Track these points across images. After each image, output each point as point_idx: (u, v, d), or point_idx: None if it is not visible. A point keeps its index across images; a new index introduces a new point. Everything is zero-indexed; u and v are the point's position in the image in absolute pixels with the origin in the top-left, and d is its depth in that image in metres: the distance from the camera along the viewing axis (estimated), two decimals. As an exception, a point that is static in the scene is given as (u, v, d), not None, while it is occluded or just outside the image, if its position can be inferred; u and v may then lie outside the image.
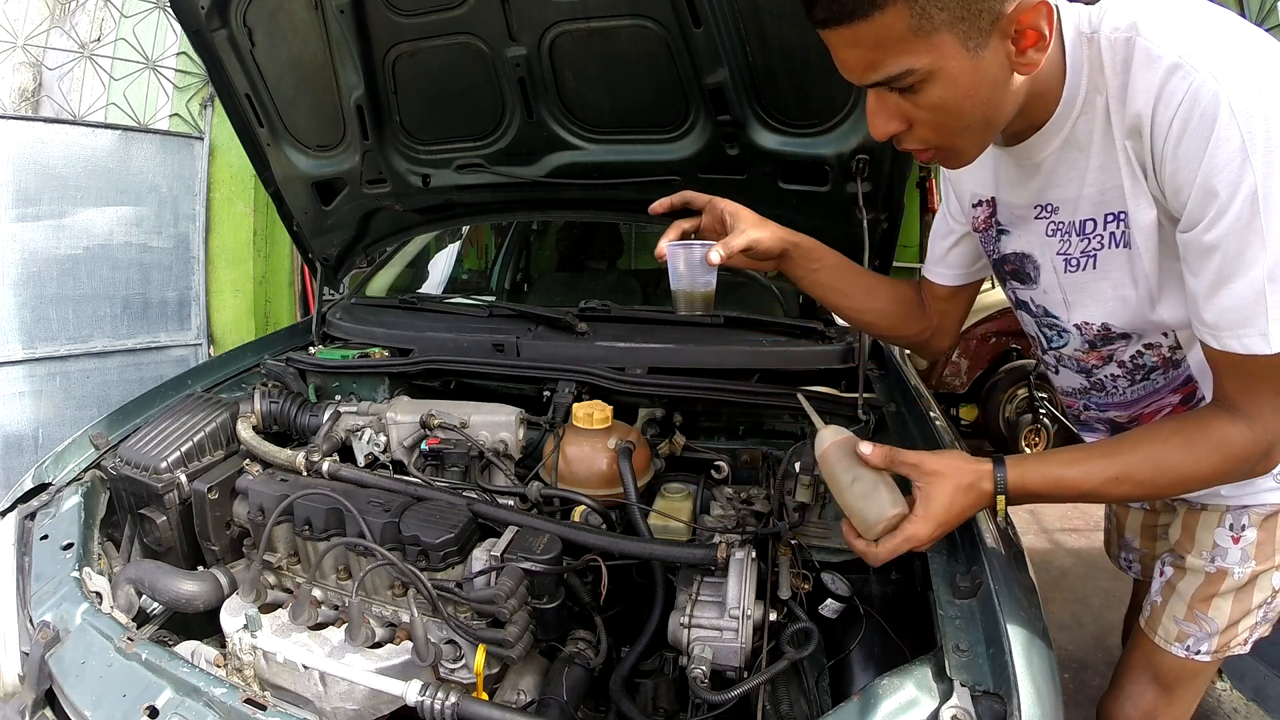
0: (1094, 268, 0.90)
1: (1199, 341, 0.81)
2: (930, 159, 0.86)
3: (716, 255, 0.96)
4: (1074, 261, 0.92)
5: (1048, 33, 0.72)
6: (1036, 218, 0.93)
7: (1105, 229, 0.86)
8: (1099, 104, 0.79)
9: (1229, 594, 1.06)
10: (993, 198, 1.00)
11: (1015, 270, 1.02)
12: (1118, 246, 0.86)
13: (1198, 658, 1.09)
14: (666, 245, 1.00)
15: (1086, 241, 0.89)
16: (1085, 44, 0.78)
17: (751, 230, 1.00)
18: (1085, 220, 0.87)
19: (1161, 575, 1.13)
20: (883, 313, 1.17)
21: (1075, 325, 0.98)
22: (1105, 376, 1.03)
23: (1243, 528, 1.04)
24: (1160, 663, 1.13)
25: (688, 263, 0.99)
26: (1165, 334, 0.93)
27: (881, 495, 0.88)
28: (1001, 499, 0.86)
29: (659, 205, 1.08)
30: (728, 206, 1.03)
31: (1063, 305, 0.98)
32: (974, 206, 1.04)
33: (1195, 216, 0.73)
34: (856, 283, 1.15)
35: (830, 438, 0.96)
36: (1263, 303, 0.72)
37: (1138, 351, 0.97)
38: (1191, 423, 0.84)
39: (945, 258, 1.14)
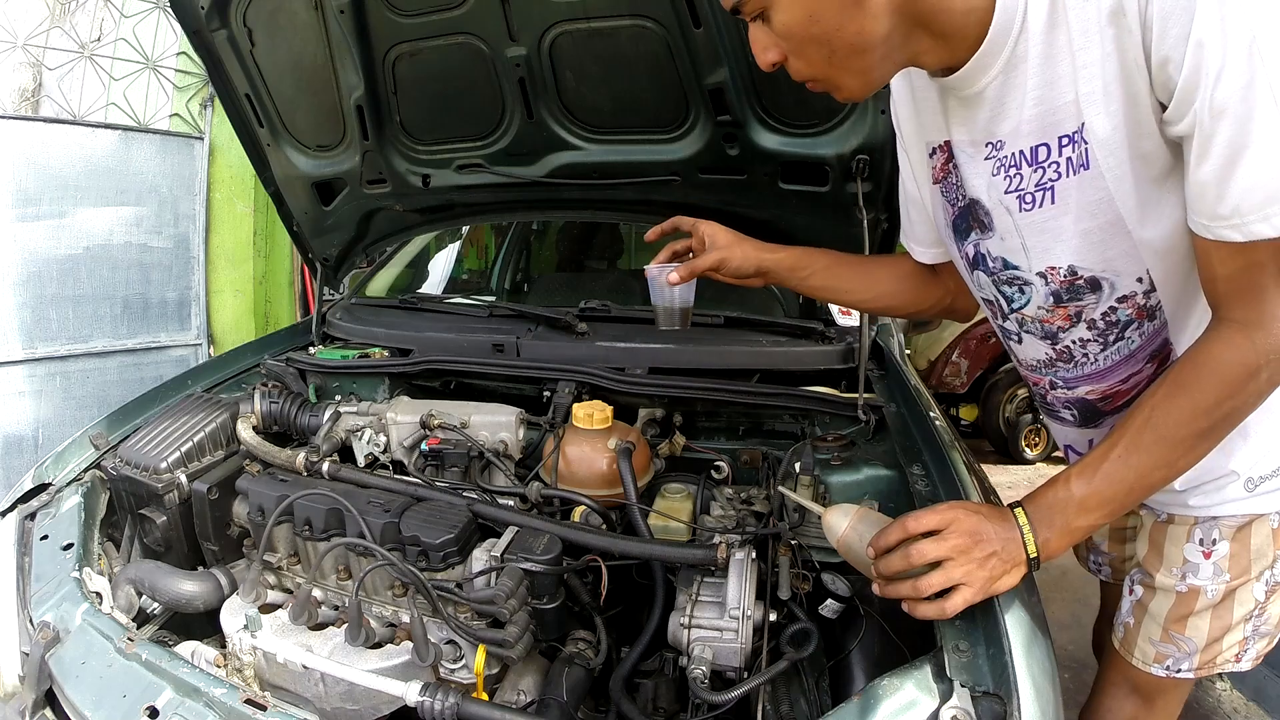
0: (1052, 202, 0.82)
1: (1200, 251, 0.75)
2: (820, 90, 0.84)
3: (675, 275, 1.09)
4: (1029, 198, 0.84)
5: None
6: (986, 158, 0.86)
7: (1060, 154, 0.79)
8: (1041, 16, 0.72)
9: (1205, 612, 1.00)
10: (947, 141, 0.93)
11: (978, 219, 0.94)
12: (1074, 173, 0.79)
13: (1179, 675, 1.04)
14: (648, 267, 1.15)
15: (1041, 172, 0.81)
16: None
17: (719, 252, 1.09)
18: (1037, 146, 0.80)
19: (1131, 594, 1.08)
20: (893, 294, 1.17)
21: (1039, 274, 0.89)
22: (1073, 342, 0.94)
23: (1214, 541, 0.97)
24: (1138, 678, 1.09)
25: (660, 282, 1.15)
26: (1140, 278, 0.85)
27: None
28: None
29: (652, 233, 1.20)
30: (706, 229, 1.12)
31: (1022, 251, 0.89)
32: (930, 156, 0.97)
33: (1191, 84, 0.66)
34: (854, 277, 1.16)
35: (841, 523, 0.95)
36: None
37: (1110, 308, 0.88)
38: (1175, 367, 0.79)
39: (929, 232, 1.09)
